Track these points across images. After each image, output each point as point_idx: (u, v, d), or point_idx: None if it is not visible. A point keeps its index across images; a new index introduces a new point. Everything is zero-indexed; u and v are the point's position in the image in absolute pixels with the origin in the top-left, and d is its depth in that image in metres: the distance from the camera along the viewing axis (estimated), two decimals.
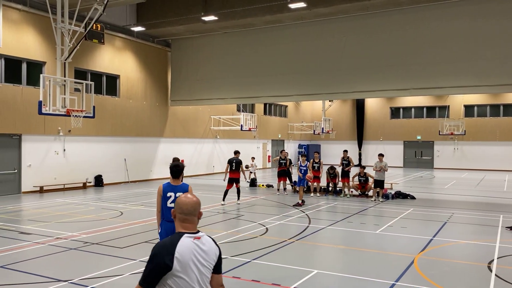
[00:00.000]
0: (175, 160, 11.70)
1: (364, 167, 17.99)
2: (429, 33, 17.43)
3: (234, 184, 15.02)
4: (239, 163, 15.09)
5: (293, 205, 14.68)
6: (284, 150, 20.29)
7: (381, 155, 16.31)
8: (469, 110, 37.16)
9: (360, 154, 40.04)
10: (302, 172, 15.59)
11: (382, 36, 18.36)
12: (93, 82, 16.65)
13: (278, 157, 18.78)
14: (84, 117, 15.51)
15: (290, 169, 18.86)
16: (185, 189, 6.07)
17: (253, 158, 22.74)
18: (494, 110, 36.34)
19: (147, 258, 2.79)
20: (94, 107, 15.94)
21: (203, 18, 19.80)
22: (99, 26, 16.92)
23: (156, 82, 24.30)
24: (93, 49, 20.28)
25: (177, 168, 6.11)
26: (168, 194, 6.06)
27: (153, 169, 24.18)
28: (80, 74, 19.76)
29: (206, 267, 2.87)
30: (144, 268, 2.77)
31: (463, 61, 16.82)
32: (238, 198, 15.33)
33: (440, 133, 35.45)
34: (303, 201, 14.97)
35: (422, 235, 10.35)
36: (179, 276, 2.74)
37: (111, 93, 21.78)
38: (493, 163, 34.91)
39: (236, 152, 15.68)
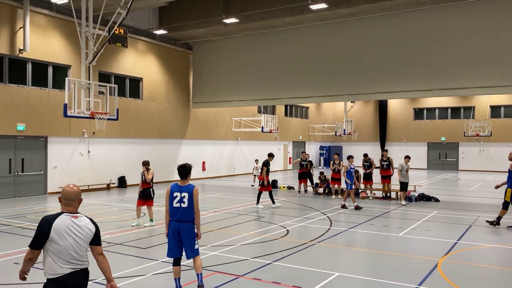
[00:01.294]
0: (145, 163, 11.63)
1: (386, 150, 17.96)
2: (452, 33, 17.12)
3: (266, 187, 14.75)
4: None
5: (355, 208, 14.29)
6: (305, 152, 20.19)
7: (407, 157, 15.97)
8: (495, 110, 36.22)
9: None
10: (352, 174, 14.79)
11: (404, 36, 18.12)
12: (116, 85, 16.93)
13: (299, 159, 18.69)
14: (108, 119, 15.79)
15: (311, 170, 18.75)
16: (190, 189, 6.16)
17: (256, 160, 22.35)
18: None
19: (166, 259, 2.84)
20: (117, 109, 16.21)
21: (224, 20, 19.94)
22: (122, 30, 17.24)
23: (178, 85, 24.56)
24: (117, 52, 20.65)
25: (184, 168, 6.24)
26: (175, 194, 6.17)
27: (175, 170, 24.40)
28: (104, 77, 20.16)
29: (81, 238, 3.81)
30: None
31: (488, 61, 16.45)
32: (273, 202, 15.01)
33: (465, 135, 34.67)
34: (357, 206, 14.43)
35: (446, 238, 10.15)
36: (56, 242, 3.71)
37: (134, 95, 22.13)
38: None
39: (270, 155, 15.25)
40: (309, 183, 18.87)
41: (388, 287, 6.73)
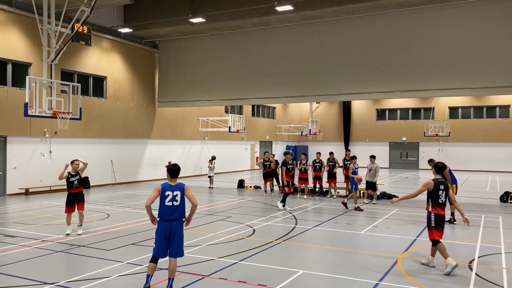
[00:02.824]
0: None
1: (349, 150, 18.51)
2: (414, 37, 17.72)
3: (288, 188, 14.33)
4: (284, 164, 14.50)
5: (355, 209, 14.27)
6: (267, 152, 20.36)
7: (372, 157, 16.41)
8: (453, 112, 37.76)
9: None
10: (356, 175, 14.57)
11: (368, 39, 18.62)
12: (79, 84, 16.60)
13: (262, 160, 18.89)
14: (71, 119, 15.46)
15: (278, 170, 18.94)
16: (181, 187, 6.40)
17: (212, 158, 21.48)
18: (478, 112, 36.99)
19: (134, 260, 2.88)
20: (80, 108, 15.88)
21: (191, 20, 19.86)
22: (85, 27, 16.87)
23: (143, 84, 24.26)
24: (80, 50, 20.19)
25: (176, 167, 6.54)
26: (166, 193, 6.33)
27: (140, 170, 24.13)
28: (66, 75, 19.66)
29: None
30: None
31: (447, 65, 17.14)
32: (284, 204, 14.41)
33: (425, 135, 35.98)
34: (358, 207, 14.39)
35: (406, 235, 10.55)
36: None
37: (98, 94, 21.69)
38: (477, 164, 35.56)
39: (286, 153, 14.90)
40: (275, 182, 19.10)
41: (351, 283, 6.96)
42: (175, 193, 6.32)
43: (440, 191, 7.60)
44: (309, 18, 19.22)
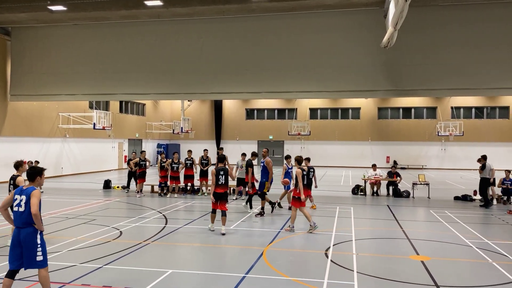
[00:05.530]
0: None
1: (222, 149, 18.65)
2: (279, 41, 18.76)
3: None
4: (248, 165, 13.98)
5: (289, 208, 13.69)
6: (144, 151, 19.55)
7: (243, 155, 16.84)
8: (313, 113, 41.18)
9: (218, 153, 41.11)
10: (290, 175, 13.82)
11: (237, 41, 19.17)
12: None
13: (138, 159, 18.14)
14: None
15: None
16: (28, 192, 5.73)
17: (36, 162, 19.09)
18: (334, 113, 40.98)
19: None
20: None
21: (50, 7, 18.13)
22: None
23: None
24: None
25: (32, 170, 5.96)
26: (15, 197, 5.78)
27: None
28: None
29: None
30: None
31: (307, 69, 18.53)
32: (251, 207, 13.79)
33: (289, 133, 38.60)
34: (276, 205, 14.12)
35: (272, 228, 11.17)
36: None
37: None
38: (333, 160, 39.31)
39: (254, 154, 14.74)
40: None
41: (220, 278, 7.12)
42: (22, 197, 5.73)
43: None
44: (179, 15, 19.03)
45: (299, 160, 11.04)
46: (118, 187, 20.17)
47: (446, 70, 17.29)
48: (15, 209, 5.73)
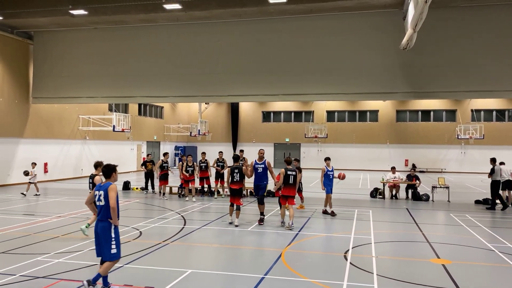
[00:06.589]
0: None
1: (242, 151, 18.75)
2: (296, 43, 18.75)
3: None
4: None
5: (326, 212, 13.70)
6: (168, 153, 19.62)
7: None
8: (330, 115, 40.99)
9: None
10: (331, 177, 13.83)
11: (254, 43, 19.23)
12: None
13: (161, 161, 18.19)
14: None
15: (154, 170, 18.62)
16: (106, 187, 6.32)
17: (34, 164, 18.31)
18: (351, 115, 40.72)
19: (6, 269, 2.65)
20: None
21: (71, 11, 18.50)
22: None
23: (15, 77, 22.00)
24: None
25: (107, 168, 6.50)
26: (95, 192, 6.44)
27: (11, 172, 21.81)
28: None
29: None
30: None
31: (324, 71, 18.48)
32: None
33: (306, 136, 38.47)
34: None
35: (290, 230, 11.15)
36: None
37: None
38: (351, 163, 39.00)
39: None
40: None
41: (238, 279, 7.15)
42: (100, 192, 6.33)
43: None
44: (197, 19, 19.22)
45: (287, 161, 12.07)
46: (137, 188, 20.40)
47: (466, 72, 17.06)
48: (97, 203, 6.35)
